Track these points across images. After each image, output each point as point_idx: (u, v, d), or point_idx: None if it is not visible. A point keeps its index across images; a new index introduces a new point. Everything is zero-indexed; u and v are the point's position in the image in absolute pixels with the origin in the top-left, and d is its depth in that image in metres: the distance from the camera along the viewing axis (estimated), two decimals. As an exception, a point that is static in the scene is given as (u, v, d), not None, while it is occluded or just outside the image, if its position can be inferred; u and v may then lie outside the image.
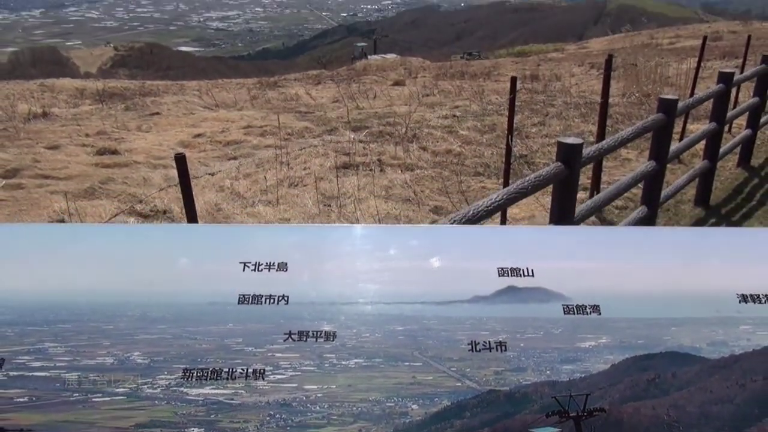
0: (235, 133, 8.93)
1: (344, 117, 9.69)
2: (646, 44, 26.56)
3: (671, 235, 1.03)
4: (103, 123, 10.04)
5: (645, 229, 1.10)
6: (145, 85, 18.72)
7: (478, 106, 10.39)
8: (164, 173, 6.82)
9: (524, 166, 6.82)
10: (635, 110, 9.30)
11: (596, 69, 16.70)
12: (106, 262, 0.87)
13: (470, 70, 18.99)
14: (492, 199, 2.69)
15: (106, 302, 0.83)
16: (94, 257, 0.87)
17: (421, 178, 6.40)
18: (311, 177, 6.36)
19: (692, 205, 5.82)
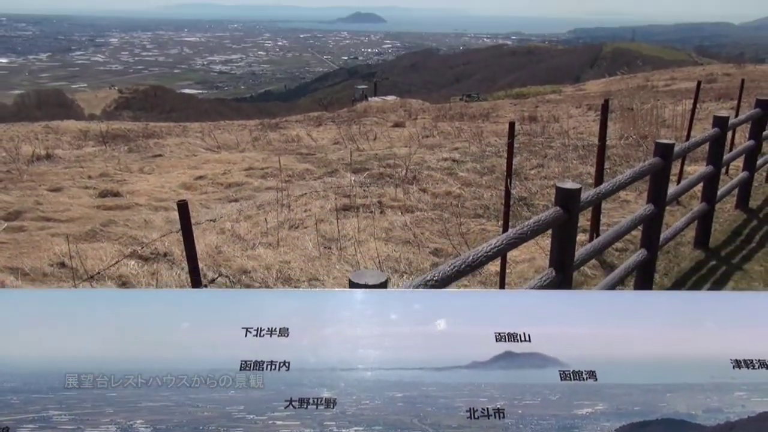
0: (237, 175, 9.01)
1: (345, 159, 9.79)
2: (642, 86, 27.02)
3: (665, 299, 1.04)
4: (106, 165, 10.13)
5: (640, 294, 1.11)
6: (149, 127, 18.99)
7: (477, 147, 10.50)
8: (166, 215, 6.86)
9: (524, 208, 6.86)
10: (633, 152, 9.40)
11: (593, 111, 16.96)
12: (110, 327, 0.88)
13: (469, 112, 19.28)
14: (492, 244, 2.70)
15: (110, 369, 0.83)
16: (97, 323, 0.88)
17: (421, 220, 6.43)
18: (312, 219, 6.39)
19: (692, 247, 5.83)
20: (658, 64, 61.20)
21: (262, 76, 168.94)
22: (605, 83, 35.60)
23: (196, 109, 70.78)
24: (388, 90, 56.70)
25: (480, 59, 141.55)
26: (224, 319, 0.90)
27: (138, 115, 62.48)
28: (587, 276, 5.10)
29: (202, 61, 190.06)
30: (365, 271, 2.06)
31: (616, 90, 25.90)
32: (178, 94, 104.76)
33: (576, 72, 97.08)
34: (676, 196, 5.19)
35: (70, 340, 0.86)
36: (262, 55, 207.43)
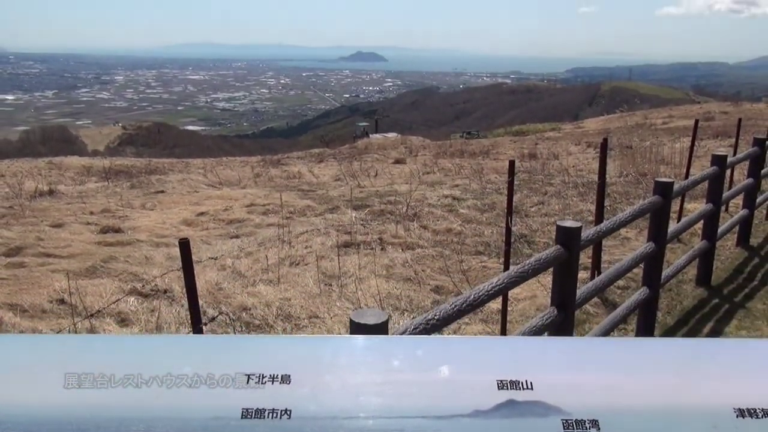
0: (238, 211, 9.04)
1: (346, 195, 9.83)
2: (641, 124, 27.30)
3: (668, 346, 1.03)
4: (108, 201, 10.18)
5: (642, 341, 1.10)
6: (151, 163, 19.12)
7: (477, 184, 10.56)
8: (167, 252, 6.86)
9: (525, 245, 6.85)
10: (632, 189, 9.45)
11: (593, 148, 17.10)
12: (111, 373, 0.87)
13: (469, 149, 19.44)
14: (493, 283, 2.69)
15: (111, 416, 0.82)
16: (97, 369, 0.87)
17: (422, 257, 6.42)
18: (313, 256, 6.38)
19: (694, 285, 5.80)
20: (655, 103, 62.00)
21: (264, 113, 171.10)
22: (604, 121, 36.00)
23: (199, 145, 71.47)
24: (389, 127, 57.34)
25: (480, 97, 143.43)
26: (226, 365, 0.89)
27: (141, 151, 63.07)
28: (589, 314, 5.06)
29: (206, 98, 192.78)
30: (366, 311, 2.05)
31: (615, 127, 26.18)
32: (182, 130, 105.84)
33: (575, 110, 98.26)
34: (676, 234, 5.20)
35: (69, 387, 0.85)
36: (265, 92, 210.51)
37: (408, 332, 2.14)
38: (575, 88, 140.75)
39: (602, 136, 20.47)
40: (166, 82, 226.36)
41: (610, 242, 6.76)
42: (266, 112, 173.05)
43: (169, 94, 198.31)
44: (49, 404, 0.81)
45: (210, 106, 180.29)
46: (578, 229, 3.11)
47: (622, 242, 7.00)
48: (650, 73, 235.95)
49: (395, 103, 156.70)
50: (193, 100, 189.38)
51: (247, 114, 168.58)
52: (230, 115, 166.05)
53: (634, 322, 4.81)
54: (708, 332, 4.90)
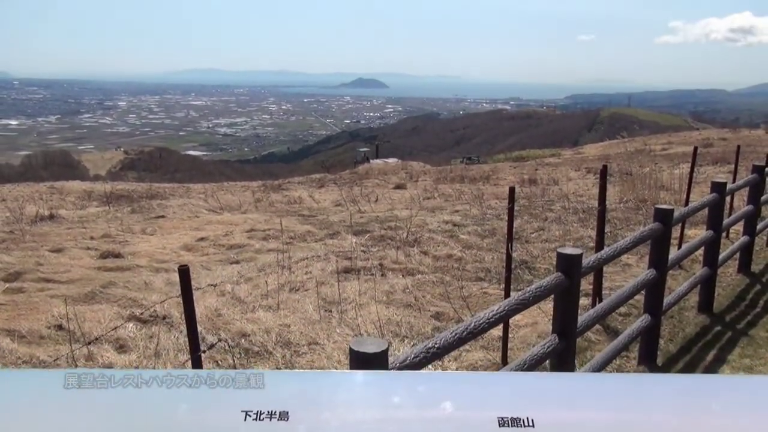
0: (239, 236, 9.03)
1: (346, 221, 9.83)
2: (640, 150, 27.43)
3: (670, 382, 1.02)
4: (108, 225, 10.18)
5: (643, 377, 1.09)
6: (152, 188, 19.18)
7: (478, 210, 10.56)
8: (166, 277, 6.83)
9: (525, 271, 6.83)
10: (632, 215, 9.45)
11: (593, 174, 17.16)
12: (106, 411, 0.85)
13: (470, 174, 19.51)
14: (494, 311, 2.68)
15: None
16: (92, 406, 0.86)
17: (423, 283, 6.39)
18: (312, 281, 6.36)
19: (696, 312, 5.77)
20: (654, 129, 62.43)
21: (266, 138, 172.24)
22: (603, 147, 36.19)
23: (200, 170, 71.77)
24: (389, 152, 57.62)
25: (480, 123, 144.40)
26: (224, 401, 0.87)
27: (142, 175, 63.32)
28: (591, 341, 5.02)
29: (208, 123, 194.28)
30: (366, 339, 2.03)
31: (615, 153, 26.31)
32: (183, 155, 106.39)
33: (574, 136, 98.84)
34: (677, 261, 5.18)
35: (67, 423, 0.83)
36: (267, 118, 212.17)
37: (408, 360, 2.12)
38: (574, 115, 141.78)
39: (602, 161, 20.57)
40: (169, 108, 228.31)
41: (611, 268, 6.73)
42: (267, 137, 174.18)
43: (171, 119, 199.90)
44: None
45: (212, 131, 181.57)
46: (579, 256, 3.11)
47: (623, 268, 6.98)
48: (649, 99, 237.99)
49: (396, 128, 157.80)
50: (195, 125, 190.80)
51: (249, 139, 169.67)
52: (232, 140, 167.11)
53: (636, 350, 4.76)
54: (711, 360, 4.85)
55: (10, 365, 4.63)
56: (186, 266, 2.43)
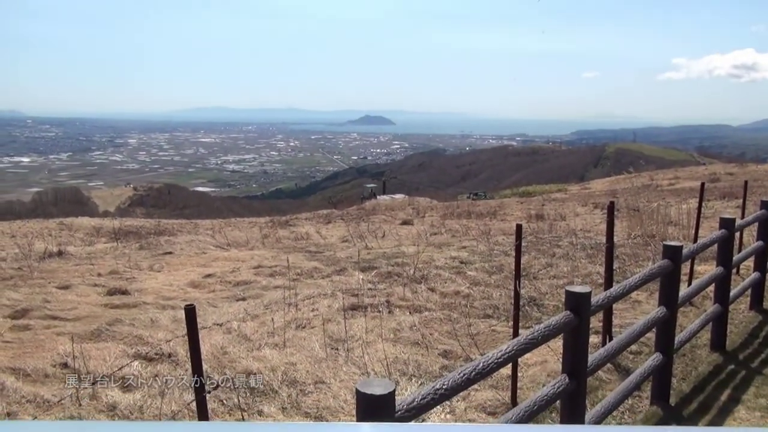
0: (245, 273, 9.01)
1: (353, 257, 9.81)
2: (647, 185, 27.48)
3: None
4: (116, 262, 10.20)
5: (654, 430, 1.06)
6: (161, 224, 19.31)
7: (485, 246, 10.52)
8: (173, 314, 6.80)
9: (534, 308, 6.76)
10: (641, 251, 9.38)
11: (600, 209, 17.14)
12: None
13: (476, 210, 19.54)
14: (502, 350, 2.64)
15: None
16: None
17: (430, 320, 6.33)
18: (319, 319, 6.31)
19: (708, 350, 5.67)
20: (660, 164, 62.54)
21: (273, 174, 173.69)
22: (610, 182, 36.26)
23: (209, 206, 72.26)
24: (396, 188, 57.86)
25: (486, 159, 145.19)
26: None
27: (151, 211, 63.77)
28: (602, 380, 4.93)
29: (216, 160, 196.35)
30: (372, 380, 2.00)
31: (621, 188, 26.33)
32: (191, 191, 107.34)
33: (581, 171, 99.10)
34: (688, 298, 5.12)
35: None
36: (275, 155, 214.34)
37: (416, 402, 2.09)
38: (580, 150, 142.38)
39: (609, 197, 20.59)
40: (178, 145, 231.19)
41: (620, 305, 6.65)
42: (275, 173, 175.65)
43: (180, 156, 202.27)
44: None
45: (220, 167, 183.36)
46: (588, 294, 3.07)
47: (632, 305, 6.89)
48: (654, 135, 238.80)
49: (402, 164, 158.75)
50: (204, 162, 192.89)
51: (257, 175, 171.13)
52: (240, 177, 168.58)
53: (648, 389, 4.67)
54: (726, 400, 4.74)
55: (14, 404, 4.59)
56: (192, 306, 2.42)
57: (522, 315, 6.08)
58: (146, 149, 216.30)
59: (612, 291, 3.62)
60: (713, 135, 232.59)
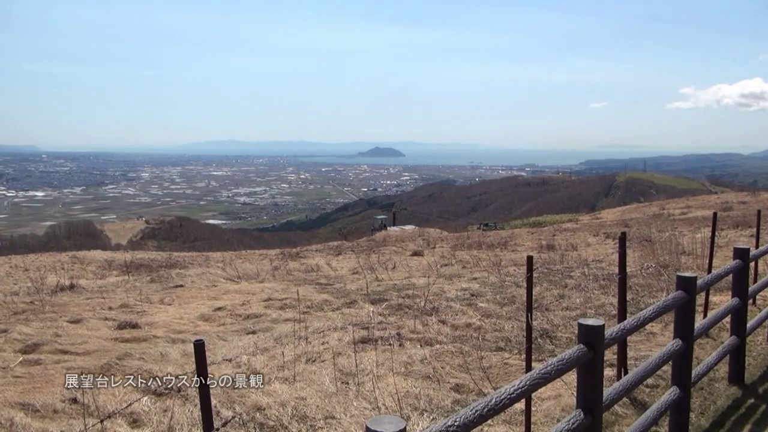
0: (256, 306, 9.00)
1: (364, 289, 9.78)
2: (658, 214, 27.33)
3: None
4: (127, 295, 10.23)
5: None
6: (172, 257, 19.40)
7: (496, 277, 10.45)
8: (182, 348, 6.77)
9: (546, 340, 6.67)
10: (654, 281, 9.26)
11: (611, 239, 17.03)
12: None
13: (487, 241, 19.48)
14: (515, 385, 2.59)
15: None
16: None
17: (441, 353, 6.26)
18: (329, 352, 6.26)
19: (726, 384, 5.53)
20: (671, 193, 62.32)
21: (284, 207, 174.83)
22: (621, 211, 36.12)
23: (220, 238, 72.63)
24: (406, 219, 57.96)
25: (496, 189, 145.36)
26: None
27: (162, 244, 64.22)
28: (618, 415, 4.82)
29: (228, 193, 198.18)
30: (383, 417, 1.97)
31: (633, 218, 26.21)
32: (203, 224, 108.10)
33: (591, 201, 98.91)
34: (704, 330, 5.02)
35: None
36: (285, 187, 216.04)
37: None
38: (590, 180, 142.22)
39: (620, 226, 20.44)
40: (190, 178, 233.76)
41: (635, 337, 6.55)
42: (286, 205, 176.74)
43: (192, 189, 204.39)
44: None
45: (231, 200, 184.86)
46: (601, 327, 3.03)
47: (647, 337, 6.78)
48: (664, 164, 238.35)
49: (412, 196, 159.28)
50: (216, 195, 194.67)
51: (268, 208, 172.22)
52: (251, 209, 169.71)
53: (666, 424, 4.55)
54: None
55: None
56: (201, 341, 2.40)
57: (535, 348, 6.00)
58: (159, 183, 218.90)
59: (626, 323, 3.56)
60: (724, 163, 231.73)
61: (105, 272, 15.38)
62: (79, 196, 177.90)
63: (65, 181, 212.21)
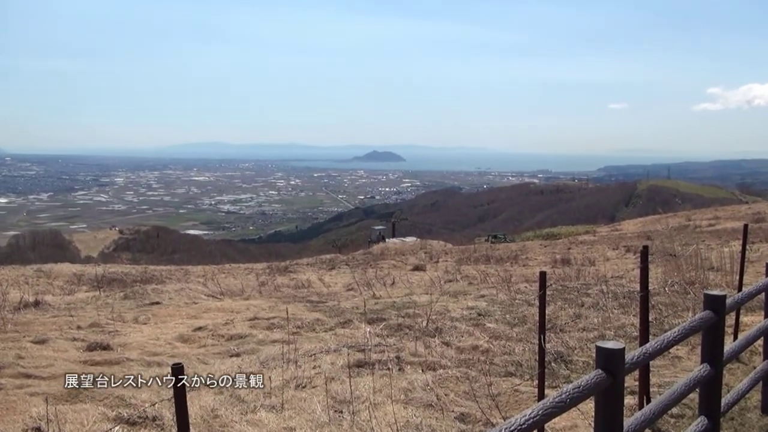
0: (240, 325, 8.99)
1: (359, 307, 9.78)
2: (684, 226, 27.37)
3: None
4: (98, 313, 10.20)
5: None
6: (148, 271, 19.38)
7: (506, 295, 10.46)
8: (158, 372, 6.74)
9: (561, 365, 6.66)
10: (679, 300, 9.27)
11: (632, 253, 17.06)
12: None
13: (496, 254, 19.51)
14: (526, 416, 2.58)
15: None
16: None
17: (445, 379, 6.25)
18: (321, 377, 6.25)
19: (760, 413, 5.52)
20: (698, 202, 62.48)
21: (272, 216, 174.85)
22: (643, 222, 36.18)
23: (201, 250, 72.62)
24: (407, 231, 58.02)
25: (505, 198, 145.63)
26: None
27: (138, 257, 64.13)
28: (640, 448, 4.80)
29: (210, 200, 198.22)
30: (381, 450, 1.96)
31: (656, 230, 26.24)
32: (182, 234, 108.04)
33: (610, 211, 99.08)
34: (734, 354, 5.02)
35: None
36: (274, 194, 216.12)
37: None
38: (609, 188, 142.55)
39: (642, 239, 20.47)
40: (169, 184, 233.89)
41: (658, 362, 6.55)
42: (274, 214, 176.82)
43: (171, 196, 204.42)
44: None
45: (214, 208, 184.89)
46: (621, 351, 3.02)
47: (672, 362, 6.78)
48: (690, 170, 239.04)
49: (414, 204, 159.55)
50: (197, 202, 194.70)
51: (254, 217, 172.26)
52: (235, 218, 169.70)
53: (693, 459, 4.54)
54: (782, 471, 4.60)
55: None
56: (179, 365, 2.40)
57: (548, 373, 5.99)
58: (134, 188, 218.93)
59: (649, 346, 3.56)
60: (756, 170, 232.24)
61: (74, 287, 15.34)
62: (46, 203, 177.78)
63: (31, 186, 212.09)
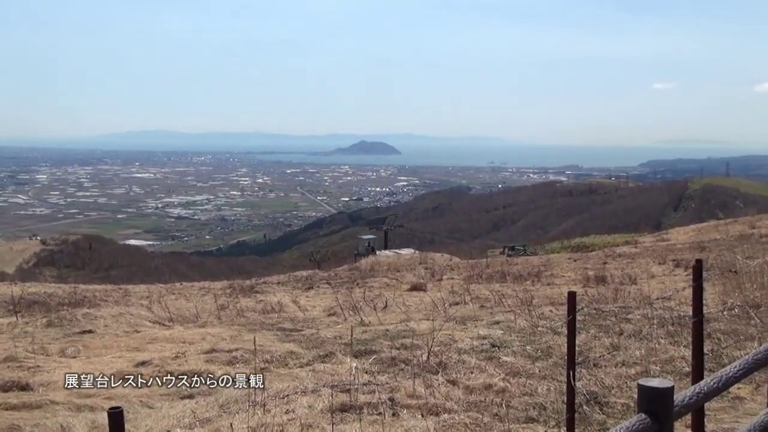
0: (194, 360, 8.98)
1: (344, 336, 9.79)
2: (746, 235, 27.56)
3: None
4: (14, 345, 10.16)
5: None
6: (78, 291, 19.33)
7: (526, 321, 10.50)
8: (92, 418, 6.75)
9: (594, 408, 6.69)
10: (742, 327, 9.34)
11: (683, 268, 17.18)
12: None
13: (514, 270, 19.59)
14: (552, 471, 2.60)
15: None
16: None
17: (451, 426, 6.28)
18: (296, 424, 6.26)
19: (841, 468, 5.58)
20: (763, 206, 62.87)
21: (234, 222, 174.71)
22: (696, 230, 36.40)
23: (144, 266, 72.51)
24: (403, 241, 58.16)
25: (526, 200, 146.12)
26: None
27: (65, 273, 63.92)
28: None
29: (156, 203, 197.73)
30: None
31: (712, 239, 26.42)
32: (121, 246, 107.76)
33: (655, 216, 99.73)
34: (809, 393, 5.06)
35: None
36: (236, 195, 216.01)
37: None
38: (654, 187, 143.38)
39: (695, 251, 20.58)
40: (104, 182, 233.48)
41: (715, 403, 6.59)
42: (237, 220, 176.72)
43: (107, 197, 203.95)
44: None
45: (161, 213, 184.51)
46: (670, 390, 3.04)
47: (732, 403, 6.83)
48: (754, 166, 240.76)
49: (411, 208, 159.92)
50: (139, 205, 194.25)
51: (212, 224, 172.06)
52: (188, 226, 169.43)
53: None
54: None
55: None
56: (118, 408, 2.40)
57: (579, 418, 6.01)
58: (60, 188, 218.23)
59: (703, 385, 3.59)
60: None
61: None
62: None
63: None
